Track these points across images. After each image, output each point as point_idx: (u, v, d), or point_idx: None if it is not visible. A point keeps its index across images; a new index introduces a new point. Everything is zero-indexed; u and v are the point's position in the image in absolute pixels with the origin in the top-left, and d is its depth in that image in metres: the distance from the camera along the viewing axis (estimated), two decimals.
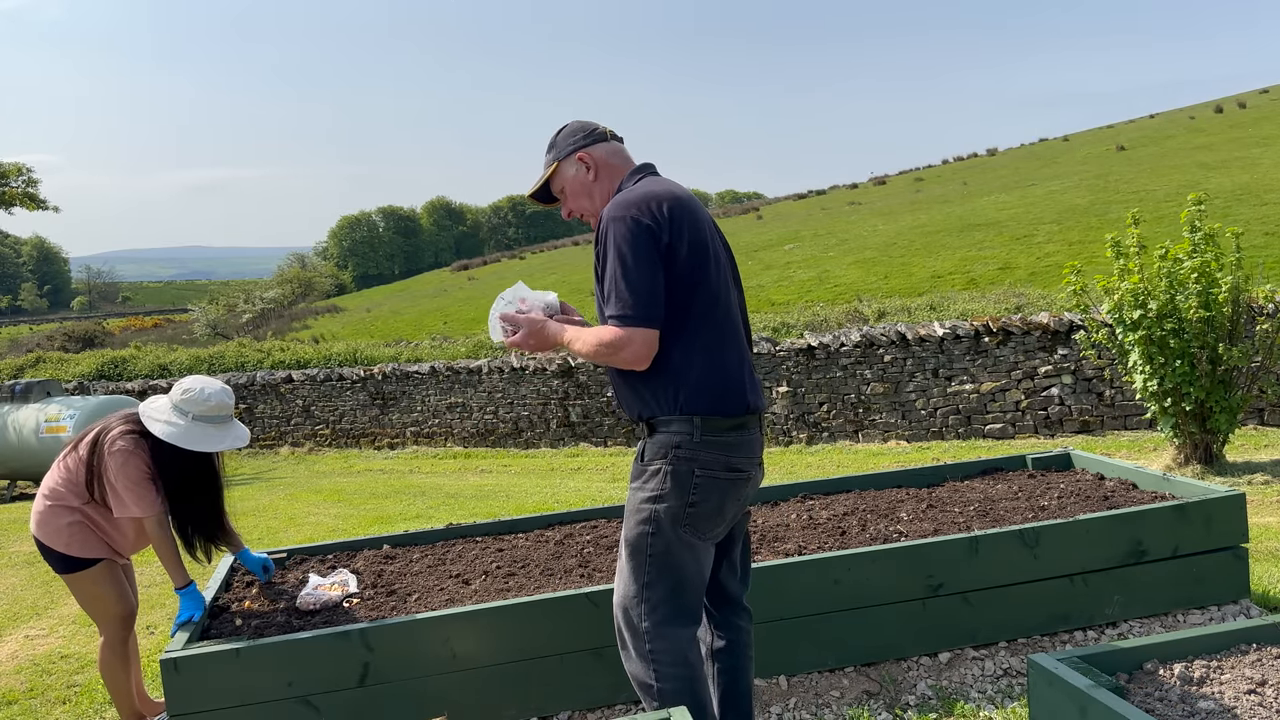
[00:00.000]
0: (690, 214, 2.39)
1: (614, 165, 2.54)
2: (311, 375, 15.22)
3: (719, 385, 2.35)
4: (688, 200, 2.42)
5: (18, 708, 3.93)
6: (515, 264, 47.69)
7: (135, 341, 28.91)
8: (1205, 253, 6.29)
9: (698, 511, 2.35)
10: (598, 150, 2.54)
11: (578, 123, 2.60)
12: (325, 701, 3.00)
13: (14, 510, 10.54)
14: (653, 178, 2.51)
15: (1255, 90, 50.26)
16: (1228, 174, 22.49)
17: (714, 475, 2.35)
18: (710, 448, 2.34)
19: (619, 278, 2.28)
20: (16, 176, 22.44)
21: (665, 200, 2.36)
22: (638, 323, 2.27)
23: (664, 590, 2.37)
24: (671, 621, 2.37)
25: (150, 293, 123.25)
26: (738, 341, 2.44)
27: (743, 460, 2.40)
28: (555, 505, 7.84)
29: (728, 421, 2.36)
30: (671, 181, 2.52)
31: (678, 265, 2.32)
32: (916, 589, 3.33)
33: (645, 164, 2.58)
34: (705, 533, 2.39)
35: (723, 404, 2.35)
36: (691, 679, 2.36)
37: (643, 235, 2.29)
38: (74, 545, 3.29)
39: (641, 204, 2.34)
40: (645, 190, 2.40)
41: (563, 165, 2.56)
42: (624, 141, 2.63)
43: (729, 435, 2.36)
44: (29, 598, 5.75)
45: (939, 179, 43.23)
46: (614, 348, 2.29)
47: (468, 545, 4.08)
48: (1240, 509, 3.58)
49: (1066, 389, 9.26)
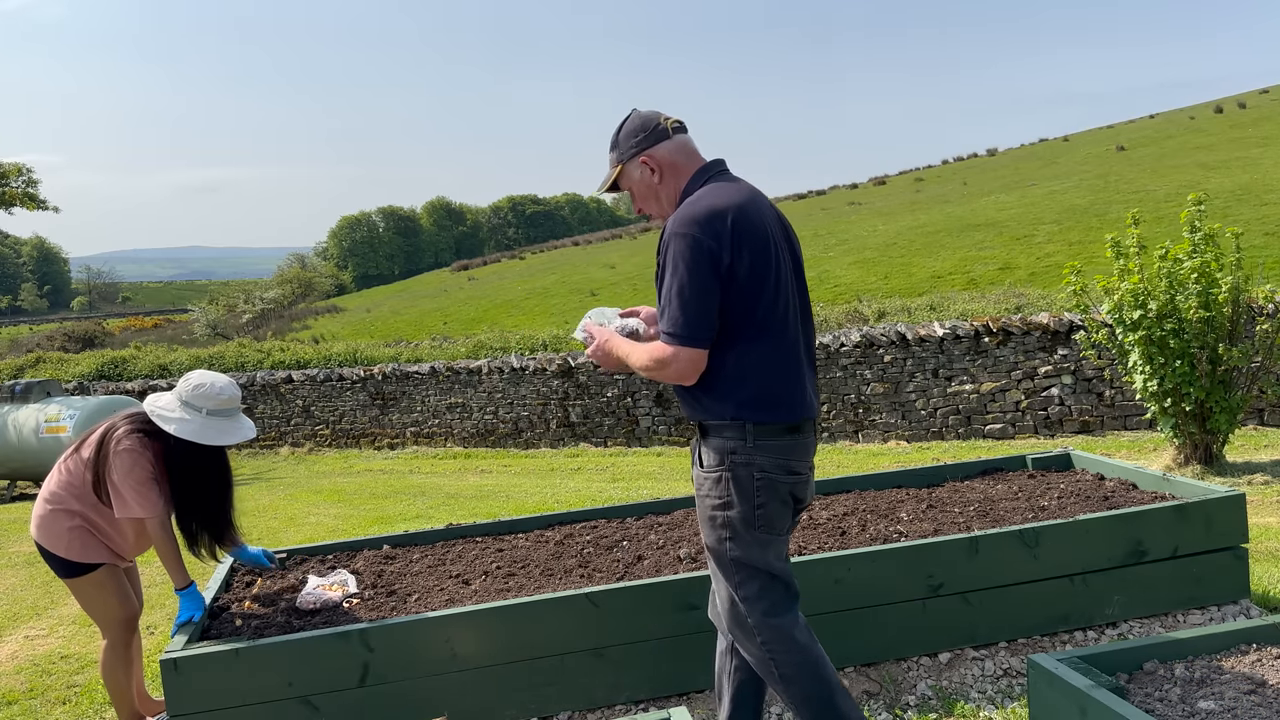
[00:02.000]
0: (753, 226, 2.38)
1: (679, 164, 2.52)
2: (311, 375, 15.22)
3: (772, 394, 2.40)
4: (752, 209, 2.41)
5: (18, 708, 3.93)
6: (515, 264, 47.68)
7: (135, 342, 28.91)
8: (1205, 253, 6.29)
9: (766, 512, 2.42)
10: (660, 151, 2.51)
11: (639, 118, 2.55)
12: (325, 701, 3.00)
13: (14, 510, 10.54)
14: (718, 184, 2.47)
15: (1255, 90, 50.28)
16: (1228, 174, 22.49)
17: (771, 477, 2.40)
18: (764, 452, 2.39)
19: (674, 295, 2.34)
20: (16, 176, 22.44)
21: (729, 214, 2.36)
22: (685, 342, 2.34)
23: (756, 588, 2.46)
24: (771, 613, 2.46)
25: (150, 293, 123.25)
26: (794, 349, 2.46)
27: (798, 463, 2.45)
28: (555, 505, 7.84)
29: (780, 427, 2.40)
30: (738, 184, 2.49)
31: (737, 282, 2.35)
32: (917, 589, 3.33)
33: (713, 162, 2.55)
34: (779, 530, 2.47)
35: (775, 412, 2.40)
36: (808, 660, 2.44)
37: (703, 257, 2.32)
38: (75, 550, 3.26)
39: (705, 221, 2.34)
40: (710, 202, 2.39)
41: (627, 167, 2.55)
42: (687, 130, 2.58)
43: (783, 440, 2.41)
44: (29, 598, 5.75)
45: (939, 179, 43.24)
46: (662, 364, 2.38)
47: (468, 545, 4.08)
48: (1240, 509, 3.58)
49: (1066, 389, 9.26)
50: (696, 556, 3.59)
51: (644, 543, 3.85)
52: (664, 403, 11.97)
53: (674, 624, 3.18)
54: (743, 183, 2.52)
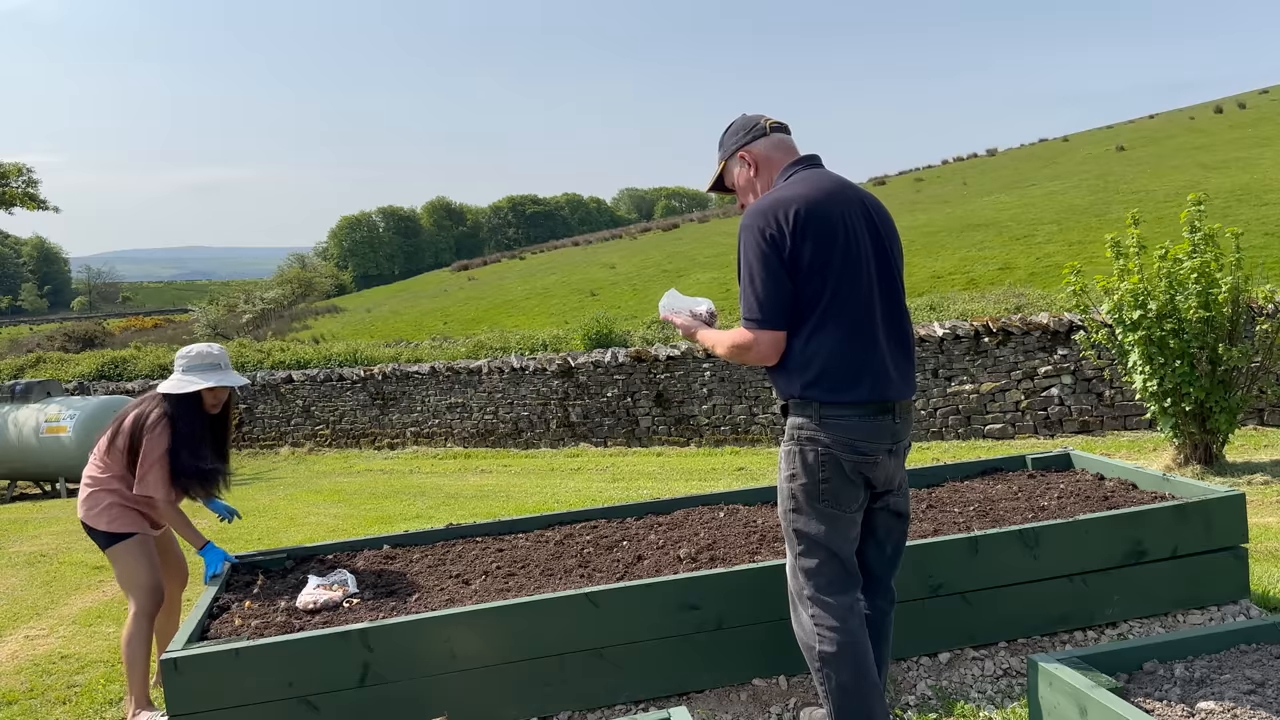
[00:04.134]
0: (821, 215, 2.50)
1: (773, 159, 2.68)
2: (311, 375, 15.22)
3: (839, 375, 2.51)
4: (824, 200, 2.52)
5: (18, 708, 3.93)
6: (515, 264, 47.67)
7: (135, 342, 28.90)
8: (1205, 253, 6.28)
9: (831, 488, 2.55)
10: (757, 147, 2.69)
11: (742, 119, 2.75)
12: (325, 701, 3.00)
13: (14, 510, 10.53)
14: (801, 174, 2.61)
15: (1255, 90, 50.26)
16: (1228, 174, 22.49)
17: (835, 455, 2.52)
18: (829, 430, 2.52)
19: (747, 284, 2.53)
20: (17, 176, 22.43)
21: (795, 205, 2.49)
22: (761, 325, 2.53)
23: (816, 561, 2.59)
24: (827, 590, 2.57)
25: (150, 293, 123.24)
26: (870, 333, 2.54)
27: (865, 444, 2.53)
28: (555, 505, 7.84)
29: (847, 407, 2.51)
30: (820, 176, 2.61)
31: (802, 268, 2.48)
32: (917, 589, 3.33)
33: (805, 156, 2.69)
34: (846, 507, 2.57)
35: (841, 392, 2.51)
36: (850, 643, 2.53)
37: (765, 246, 2.49)
38: (115, 522, 3.70)
39: (769, 212, 2.51)
40: (780, 195, 2.54)
41: (729, 164, 2.76)
42: (789, 131, 2.74)
43: (849, 420, 2.52)
44: (29, 598, 5.75)
45: (939, 179, 43.24)
46: (743, 349, 2.57)
47: (468, 545, 4.08)
48: (1240, 509, 3.58)
49: (1066, 389, 9.26)
50: (696, 556, 3.59)
51: (644, 543, 3.85)
52: (664, 403, 11.97)
53: (674, 624, 3.18)
54: (827, 175, 2.63)
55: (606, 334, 14.28)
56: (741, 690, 3.23)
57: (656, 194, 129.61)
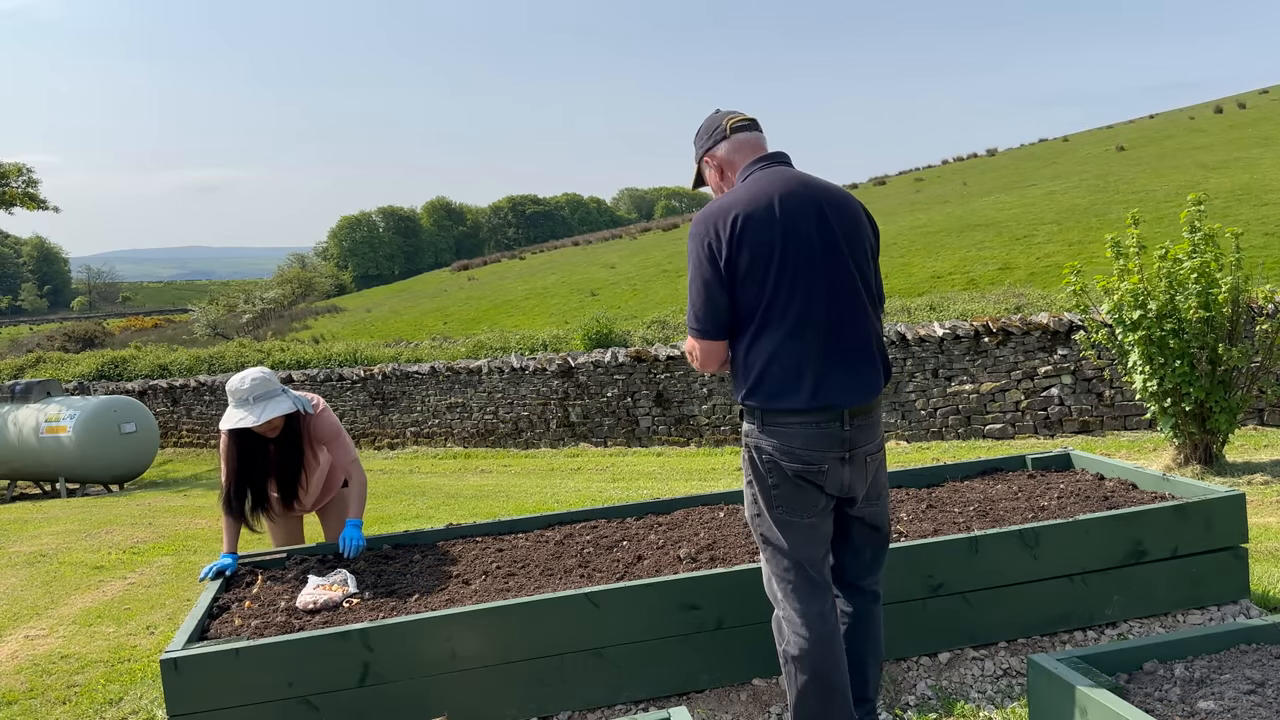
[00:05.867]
0: (759, 221, 2.45)
1: (734, 161, 2.66)
2: (311, 375, 15.22)
3: (778, 382, 2.48)
4: (765, 204, 2.47)
5: (18, 708, 3.93)
6: (515, 264, 47.68)
7: (135, 342, 28.90)
8: (1205, 253, 6.28)
9: (781, 493, 2.53)
10: (719, 150, 2.68)
11: (708, 119, 2.74)
12: (325, 701, 3.00)
13: (14, 510, 10.53)
14: (755, 176, 2.57)
15: (1255, 90, 50.26)
16: (1228, 174, 22.49)
17: (778, 462, 2.50)
18: (772, 436, 2.51)
19: (689, 293, 2.57)
20: (16, 176, 22.42)
21: (734, 211, 2.47)
22: (695, 334, 2.57)
23: (779, 566, 2.58)
24: (793, 595, 2.56)
25: (150, 293, 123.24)
26: (814, 338, 2.48)
27: (808, 451, 2.48)
28: (555, 505, 7.84)
29: (787, 414, 2.48)
30: (770, 178, 2.55)
31: (739, 276, 2.47)
32: (916, 589, 3.33)
33: (765, 155, 2.64)
34: (801, 514, 2.54)
35: (780, 399, 2.48)
36: (812, 649, 2.51)
37: (704, 255, 2.50)
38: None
39: (710, 220, 2.51)
40: (724, 201, 2.53)
41: (700, 167, 2.77)
42: (754, 127, 2.69)
43: (791, 426, 2.48)
44: (29, 598, 5.75)
45: (939, 179, 43.24)
46: (690, 354, 2.65)
47: (468, 545, 4.08)
48: (1240, 509, 3.58)
49: (1066, 389, 9.26)
50: (696, 556, 3.59)
51: (644, 543, 3.85)
52: (664, 403, 11.98)
53: (674, 624, 3.18)
54: (779, 175, 2.56)
55: (606, 334, 14.29)
56: (741, 690, 3.23)
57: (656, 194, 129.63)
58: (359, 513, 4.00)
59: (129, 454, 13.08)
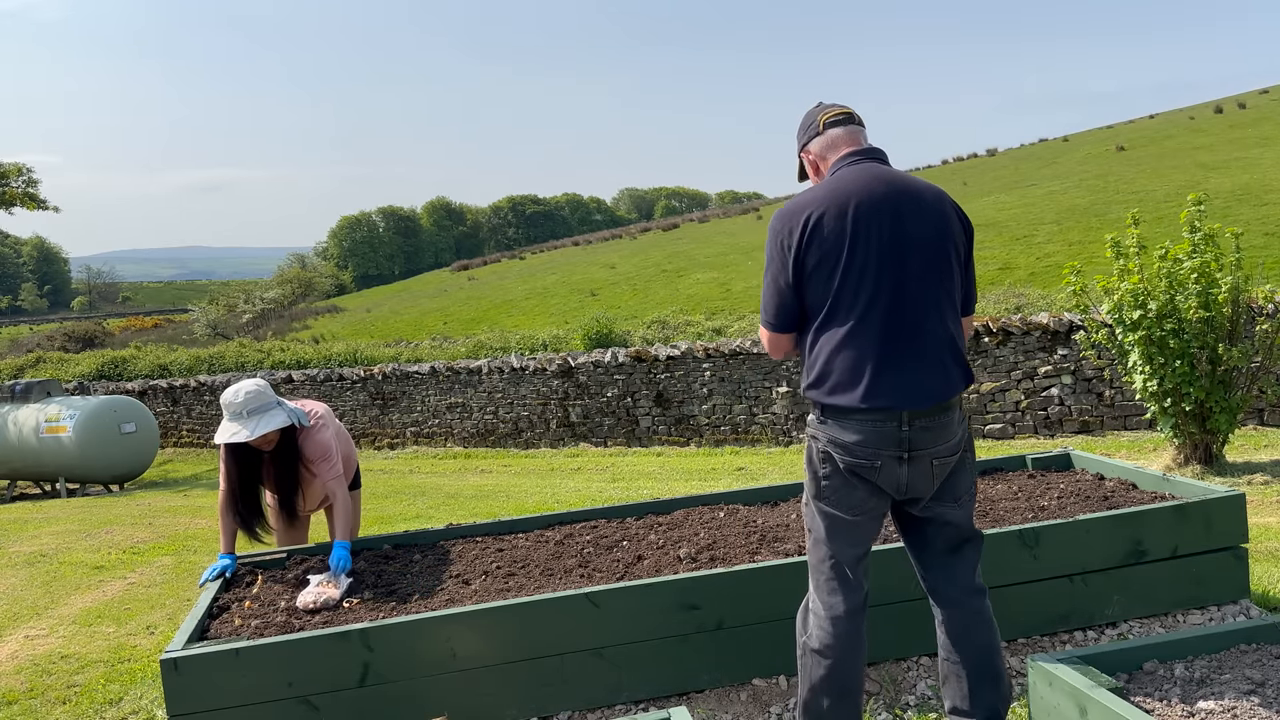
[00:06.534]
0: (831, 219, 2.49)
1: (826, 158, 2.69)
2: (311, 375, 15.22)
3: (836, 379, 2.51)
4: (838, 202, 2.50)
5: (18, 708, 3.93)
6: (515, 264, 47.68)
7: (135, 342, 28.90)
8: (1205, 253, 6.28)
9: (830, 485, 2.55)
10: (814, 146, 2.72)
11: (806, 113, 2.78)
12: (325, 701, 3.00)
13: (14, 510, 10.53)
14: (838, 173, 2.60)
15: (1255, 90, 50.22)
16: (1228, 174, 22.49)
17: (832, 454, 2.53)
18: (828, 430, 2.54)
19: (763, 283, 2.66)
20: (17, 176, 22.42)
21: (809, 210, 2.52)
22: (765, 326, 2.67)
23: (816, 557, 2.62)
24: (824, 588, 2.58)
25: (150, 293, 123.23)
26: (876, 338, 2.48)
27: (861, 447, 2.48)
28: (555, 505, 7.84)
29: (844, 413, 2.50)
30: (851, 175, 2.56)
31: (805, 273, 2.53)
32: (916, 589, 3.32)
33: (850, 153, 2.64)
34: (848, 510, 2.54)
35: (837, 395, 2.50)
36: (834, 645, 2.53)
37: (775, 251, 2.59)
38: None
39: (785, 217, 2.57)
40: (798, 199, 2.59)
41: (800, 161, 2.80)
42: (850, 120, 2.69)
43: (845, 422, 2.50)
44: (29, 598, 5.75)
45: (939, 179, 43.19)
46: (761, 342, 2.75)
47: (468, 545, 4.08)
48: (1240, 509, 3.58)
49: (1066, 389, 9.26)
50: (696, 556, 3.59)
51: (644, 543, 3.85)
52: (664, 403, 11.98)
53: (674, 624, 3.18)
54: (864, 172, 2.57)
55: (606, 334, 14.29)
56: (741, 690, 3.23)
57: (656, 194, 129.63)
58: (345, 534, 3.87)
59: (129, 454, 13.08)
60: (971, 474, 2.66)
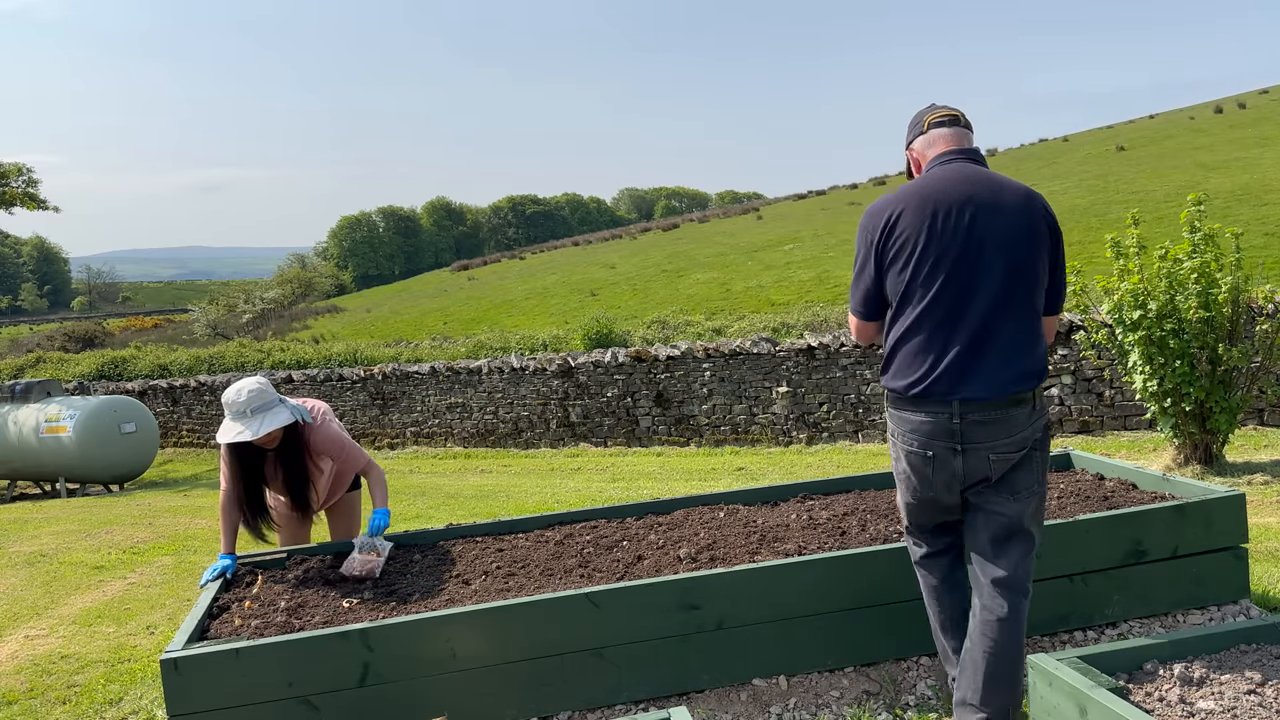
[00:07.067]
0: (913, 217, 2.62)
1: (926, 156, 2.81)
2: (311, 375, 15.22)
3: (899, 367, 2.69)
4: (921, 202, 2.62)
5: (18, 708, 3.93)
6: (515, 264, 47.69)
7: (135, 342, 28.91)
8: (1205, 253, 6.28)
9: (900, 467, 2.80)
10: (916, 145, 2.85)
11: (916, 113, 2.90)
12: (325, 701, 3.00)
13: (14, 510, 10.53)
14: (930, 173, 2.72)
15: (1255, 90, 50.23)
16: (1228, 174, 22.50)
17: (896, 439, 2.76)
18: (895, 415, 2.74)
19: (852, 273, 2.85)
20: (17, 176, 22.42)
21: (895, 208, 2.67)
22: (852, 312, 2.88)
23: (905, 522, 2.94)
24: (913, 549, 2.95)
25: (150, 293, 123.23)
26: (942, 331, 2.60)
27: (916, 435, 2.67)
28: (555, 505, 7.84)
29: (903, 400, 2.69)
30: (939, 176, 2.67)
31: (884, 266, 2.70)
32: (917, 589, 3.32)
33: (945, 153, 2.74)
34: (910, 490, 2.78)
35: (897, 381, 2.70)
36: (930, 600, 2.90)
37: (862, 243, 2.76)
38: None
39: (874, 212, 2.74)
40: (889, 196, 2.73)
41: (907, 158, 2.94)
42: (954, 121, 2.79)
43: (905, 410, 2.69)
44: (29, 598, 5.75)
45: None
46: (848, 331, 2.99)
47: (468, 545, 4.08)
48: (1240, 509, 3.58)
49: (1066, 389, 9.26)
50: (696, 556, 3.59)
51: (644, 543, 3.85)
52: (664, 403, 11.98)
53: (674, 624, 3.18)
54: (953, 171, 2.67)
55: (606, 334, 14.29)
56: (741, 690, 3.23)
57: (656, 194, 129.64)
58: (383, 501, 3.96)
59: (129, 454, 13.08)
60: (1038, 472, 2.68)
